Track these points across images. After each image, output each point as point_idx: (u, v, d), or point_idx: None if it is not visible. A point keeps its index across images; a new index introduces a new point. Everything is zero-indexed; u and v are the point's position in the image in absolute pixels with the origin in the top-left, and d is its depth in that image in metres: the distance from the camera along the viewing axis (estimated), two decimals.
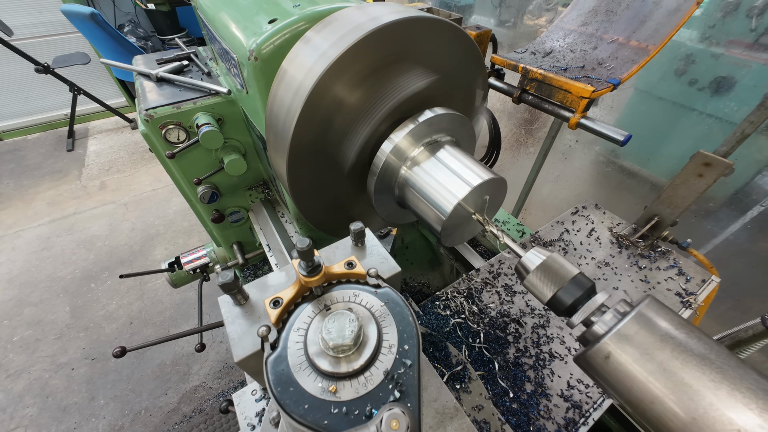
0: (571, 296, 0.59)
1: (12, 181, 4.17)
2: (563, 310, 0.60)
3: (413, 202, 0.79)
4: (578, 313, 0.58)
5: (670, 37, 1.14)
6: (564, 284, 0.60)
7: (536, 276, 0.63)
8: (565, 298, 0.59)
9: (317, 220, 1.05)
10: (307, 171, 0.87)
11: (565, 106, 1.13)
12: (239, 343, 0.57)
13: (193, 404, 2.35)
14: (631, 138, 1.02)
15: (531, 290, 0.64)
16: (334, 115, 0.78)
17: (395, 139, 0.75)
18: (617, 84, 1.11)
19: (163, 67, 1.52)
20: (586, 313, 0.57)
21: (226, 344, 2.66)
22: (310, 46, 0.77)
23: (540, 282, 0.62)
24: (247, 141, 1.53)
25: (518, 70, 1.21)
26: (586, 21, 1.35)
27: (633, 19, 1.25)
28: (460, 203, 0.69)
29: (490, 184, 0.72)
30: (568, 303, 0.59)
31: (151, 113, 1.31)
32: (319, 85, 0.71)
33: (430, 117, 0.77)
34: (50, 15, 4.33)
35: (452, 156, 0.77)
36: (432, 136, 0.80)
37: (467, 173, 0.72)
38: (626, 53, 1.21)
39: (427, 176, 0.75)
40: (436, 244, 1.91)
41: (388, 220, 0.98)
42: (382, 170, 0.78)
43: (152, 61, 1.61)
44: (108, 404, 2.35)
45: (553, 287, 0.60)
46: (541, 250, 0.64)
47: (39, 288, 3.04)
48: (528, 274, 0.63)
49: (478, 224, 0.77)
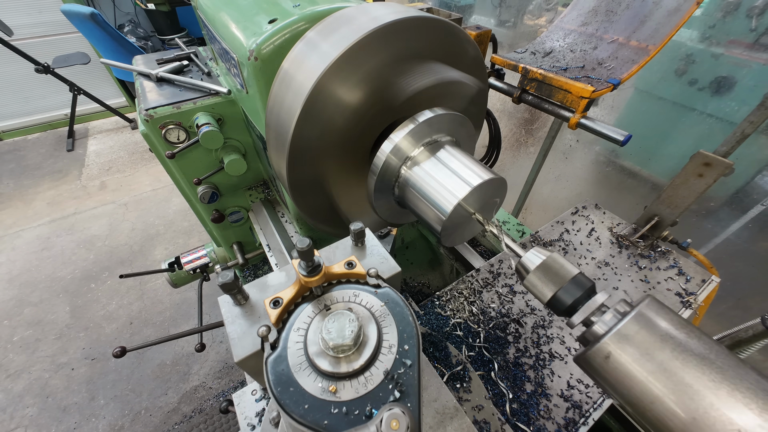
0: (571, 296, 0.59)
1: (12, 181, 4.17)
2: (563, 310, 0.60)
3: (413, 202, 0.79)
4: (578, 313, 0.58)
5: (670, 37, 1.14)
6: (564, 284, 0.59)
7: (536, 276, 0.62)
8: (564, 298, 0.59)
9: (317, 220, 1.05)
10: (306, 171, 0.87)
11: (565, 106, 1.13)
12: (239, 343, 0.57)
13: (193, 404, 2.35)
14: (631, 138, 1.02)
15: (531, 290, 0.64)
16: (334, 115, 0.78)
17: (395, 139, 0.75)
18: (617, 84, 1.11)
19: (163, 67, 1.52)
20: (586, 313, 0.57)
21: (226, 344, 2.66)
22: (310, 46, 0.77)
23: (540, 282, 0.62)
24: (247, 141, 1.53)
25: (518, 70, 1.21)
26: (586, 21, 1.35)
27: (633, 19, 1.25)
28: (460, 203, 0.69)
29: (490, 184, 0.72)
30: (568, 303, 0.59)
31: (151, 113, 1.31)
32: (319, 85, 0.71)
33: (430, 117, 0.77)
34: (50, 15, 4.33)
35: (452, 156, 0.77)
36: (432, 136, 0.80)
37: (467, 173, 0.72)
38: (626, 53, 1.21)
39: (427, 176, 0.75)
40: (436, 244, 1.92)
41: (388, 221, 0.98)
42: (382, 170, 0.78)
43: (152, 61, 1.61)
44: (108, 404, 2.35)
45: (553, 287, 0.60)
46: (541, 250, 0.64)
47: (39, 288, 3.04)
48: (528, 274, 0.63)
49: (478, 224, 0.77)
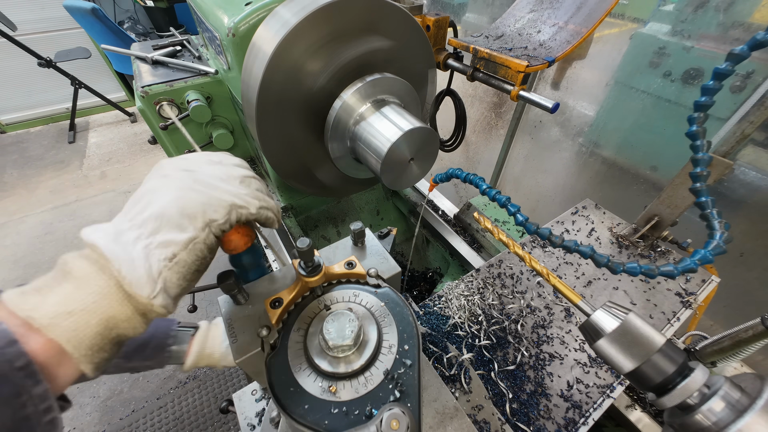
0: (660, 374, 0.47)
1: (16, 170, 4.33)
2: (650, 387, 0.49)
3: (361, 148, 0.95)
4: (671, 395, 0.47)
5: (600, 21, 1.30)
6: (649, 357, 0.47)
7: (610, 342, 0.50)
8: (651, 374, 0.48)
9: (290, 177, 1.21)
10: (274, 131, 1.02)
11: (507, 80, 1.29)
12: (239, 343, 0.57)
13: (188, 372, 2.52)
14: (558, 106, 1.18)
15: (603, 358, 0.52)
16: (298, 76, 0.93)
17: (344, 96, 0.91)
18: (552, 61, 1.27)
19: (158, 51, 1.69)
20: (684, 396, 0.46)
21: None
22: (276, 18, 0.93)
23: (615, 350, 0.50)
24: (235, 119, 1.70)
25: (470, 50, 1.37)
26: (534, 8, 1.52)
27: (572, 5, 1.42)
28: (393, 144, 0.86)
29: (421, 132, 0.88)
30: (657, 381, 0.48)
31: (147, 90, 1.47)
32: (280, 50, 0.87)
33: (377, 78, 0.93)
34: (52, 11, 4.49)
35: (393, 111, 0.93)
36: (377, 96, 0.96)
37: (402, 122, 0.88)
38: (563, 36, 1.37)
39: (370, 126, 0.91)
40: None
41: (347, 173, 1.14)
42: (334, 123, 0.94)
43: (149, 47, 1.77)
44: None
45: (635, 360, 0.48)
46: (617, 307, 0.52)
47: (43, 269, 3.20)
48: (599, 339, 0.51)
49: (416, 171, 0.93)
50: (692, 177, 0.51)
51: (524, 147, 2.23)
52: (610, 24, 1.91)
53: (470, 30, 2.29)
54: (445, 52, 1.45)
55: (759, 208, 1.56)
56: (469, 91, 2.29)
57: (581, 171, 2.07)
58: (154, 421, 2.29)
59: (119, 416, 2.33)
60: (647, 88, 1.93)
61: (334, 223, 1.88)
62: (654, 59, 2.19)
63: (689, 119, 0.52)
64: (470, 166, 2.72)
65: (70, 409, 0.49)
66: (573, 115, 2.02)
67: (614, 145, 2.01)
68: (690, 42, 2.01)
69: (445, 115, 1.74)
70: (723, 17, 1.92)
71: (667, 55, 2.14)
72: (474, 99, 2.30)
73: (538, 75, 2.10)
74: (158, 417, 2.31)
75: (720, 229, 0.46)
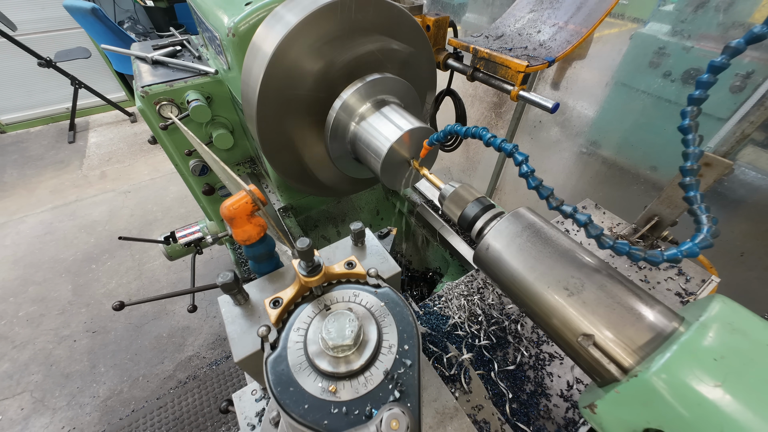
0: (472, 212, 0.73)
1: (16, 170, 4.33)
2: (468, 224, 0.75)
3: (361, 147, 0.95)
4: (477, 223, 0.72)
5: (600, 21, 1.30)
6: (468, 203, 0.75)
7: (450, 200, 0.78)
8: (468, 213, 0.74)
9: (290, 177, 1.21)
10: (275, 131, 1.02)
11: (507, 80, 1.29)
12: (239, 343, 0.57)
13: (188, 371, 2.52)
14: (558, 106, 1.18)
15: (447, 213, 0.77)
16: (294, 79, 0.93)
17: (344, 96, 0.91)
18: (552, 61, 1.27)
19: (158, 51, 1.69)
20: (482, 222, 0.71)
21: (219, 319, 2.82)
22: (276, 18, 0.93)
23: (453, 204, 0.76)
24: (234, 119, 1.70)
25: (470, 50, 1.37)
26: (534, 8, 1.52)
27: (572, 5, 1.42)
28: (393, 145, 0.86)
29: (421, 131, 0.88)
30: (471, 216, 0.73)
31: (147, 90, 1.47)
32: (280, 50, 0.87)
33: (377, 78, 0.93)
34: (52, 11, 4.49)
35: (393, 111, 0.93)
36: (377, 96, 0.96)
37: (402, 122, 0.88)
38: (563, 36, 1.37)
39: (370, 126, 0.91)
40: None
41: (348, 174, 1.14)
42: (334, 124, 0.94)
43: (149, 47, 1.77)
44: (108, 371, 2.51)
45: (462, 207, 0.75)
46: (456, 183, 0.80)
47: (43, 268, 3.20)
48: (445, 200, 0.79)
49: (416, 171, 0.93)
50: (682, 171, 0.52)
51: (524, 147, 2.23)
52: (610, 24, 1.91)
53: (470, 30, 2.29)
54: (445, 52, 1.45)
55: (759, 208, 1.56)
56: (469, 91, 2.29)
57: (581, 171, 2.07)
58: (154, 421, 2.29)
59: (119, 416, 2.33)
60: (647, 88, 1.93)
61: (334, 223, 1.88)
62: (654, 59, 2.19)
63: (682, 113, 0.52)
64: (470, 166, 2.73)
65: (70, 409, 0.49)
66: (573, 115, 2.02)
67: (614, 145, 2.01)
68: (690, 42, 2.01)
69: (445, 115, 1.74)
70: (723, 17, 1.92)
71: (667, 55, 2.15)
72: (474, 99, 2.30)
73: (538, 75, 2.10)
74: (158, 417, 2.31)
75: (707, 223, 0.48)
